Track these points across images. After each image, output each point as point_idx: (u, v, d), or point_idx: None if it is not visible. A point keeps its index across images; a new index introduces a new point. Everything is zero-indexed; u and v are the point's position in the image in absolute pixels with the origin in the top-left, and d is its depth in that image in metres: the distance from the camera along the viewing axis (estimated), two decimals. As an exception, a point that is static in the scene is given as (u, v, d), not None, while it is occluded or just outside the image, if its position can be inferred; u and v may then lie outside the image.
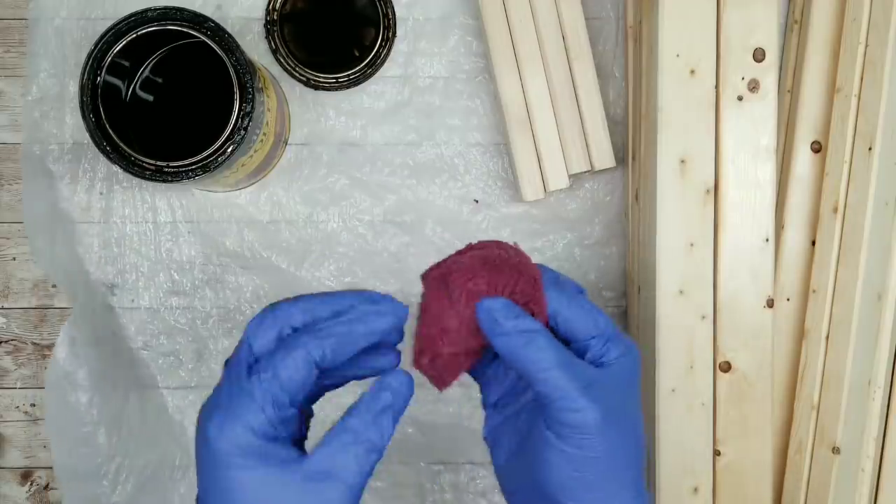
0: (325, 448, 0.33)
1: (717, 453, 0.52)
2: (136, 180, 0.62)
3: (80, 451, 0.63)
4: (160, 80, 0.58)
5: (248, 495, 0.32)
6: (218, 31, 0.51)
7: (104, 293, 0.64)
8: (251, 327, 0.35)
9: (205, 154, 0.51)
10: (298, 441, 0.35)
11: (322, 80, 0.62)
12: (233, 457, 0.32)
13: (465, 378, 0.40)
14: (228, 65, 0.51)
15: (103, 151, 0.51)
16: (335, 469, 0.33)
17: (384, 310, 0.35)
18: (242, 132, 0.51)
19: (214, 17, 0.52)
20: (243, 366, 0.34)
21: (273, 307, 0.35)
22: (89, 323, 0.64)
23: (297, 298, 0.36)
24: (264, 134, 0.56)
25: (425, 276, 0.38)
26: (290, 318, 0.35)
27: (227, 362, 0.35)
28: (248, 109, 0.51)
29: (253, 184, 0.64)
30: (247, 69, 0.51)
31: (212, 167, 0.51)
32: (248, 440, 0.32)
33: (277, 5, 0.62)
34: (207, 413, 0.33)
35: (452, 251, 0.62)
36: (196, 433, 0.34)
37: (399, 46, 0.63)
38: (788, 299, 0.58)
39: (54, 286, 0.64)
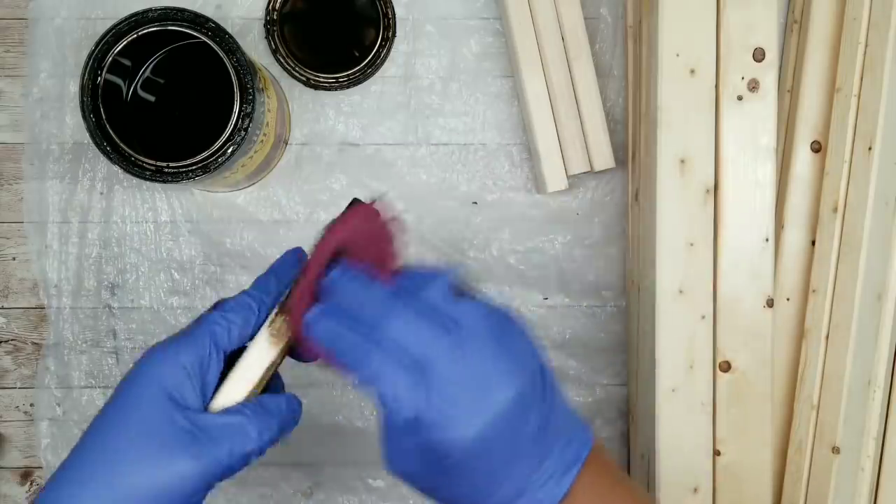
0: (218, 417, 0.35)
1: (717, 453, 0.52)
2: (136, 180, 0.62)
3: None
4: (161, 81, 0.58)
5: (140, 413, 0.35)
6: (218, 32, 0.51)
7: (104, 293, 0.64)
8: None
9: (205, 154, 0.51)
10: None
11: (322, 80, 0.62)
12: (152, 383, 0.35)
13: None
14: (229, 65, 0.51)
15: (103, 151, 0.51)
16: (213, 440, 0.34)
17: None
18: (243, 133, 0.51)
19: (214, 18, 0.52)
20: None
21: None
22: (89, 323, 0.64)
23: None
24: (264, 135, 0.56)
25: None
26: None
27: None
28: (249, 110, 0.51)
29: (253, 184, 0.64)
30: (247, 70, 0.51)
31: (212, 168, 0.51)
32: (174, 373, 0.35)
33: (277, 5, 0.62)
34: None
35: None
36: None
37: (399, 46, 0.63)
38: (788, 299, 0.58)
39: (55, 286, 0.64)
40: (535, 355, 0.35)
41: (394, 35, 0.63)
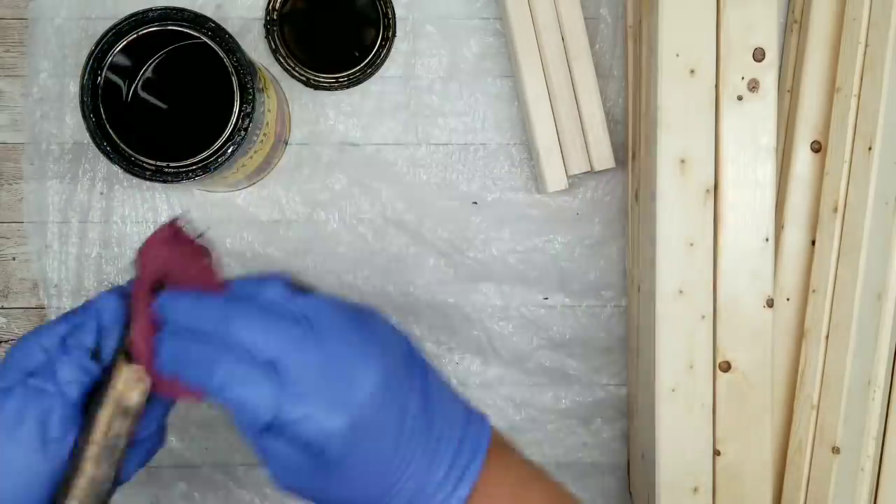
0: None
1: (717, 453, 0.52)
2: (136, 180, 0.62)
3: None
4: (161, 81, 0.58)
5: None
6: (218, 32, 0.51)
7: (104, 293, 0.64)
8: None
9: (205, 154, 0.51)
10: None
11: (322, 80, 0.62)
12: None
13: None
14: (229, 65, 0.51)
15: (103, 151, 0.51)
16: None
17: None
18: (242, 133, 0.51)
19: (214, 18, 0.52)
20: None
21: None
22: (89, 323, 0.64)
23: None
24: (264, 134, 0.56)
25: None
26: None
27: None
28: (249, 110, 0.51)
29: (253, 184, 0.64)
30: (247, 70, 0.51)
31: (212, 168, 0.51)
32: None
33: (277, 5, 0.62)
34: None
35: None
36: None
37: (399, 46, 0.63)
38: (788, 299, 0.58)
39: (55, 286, 0.64)
40: (401, 341, 0.33)
41: (394, 35, 0.63)
